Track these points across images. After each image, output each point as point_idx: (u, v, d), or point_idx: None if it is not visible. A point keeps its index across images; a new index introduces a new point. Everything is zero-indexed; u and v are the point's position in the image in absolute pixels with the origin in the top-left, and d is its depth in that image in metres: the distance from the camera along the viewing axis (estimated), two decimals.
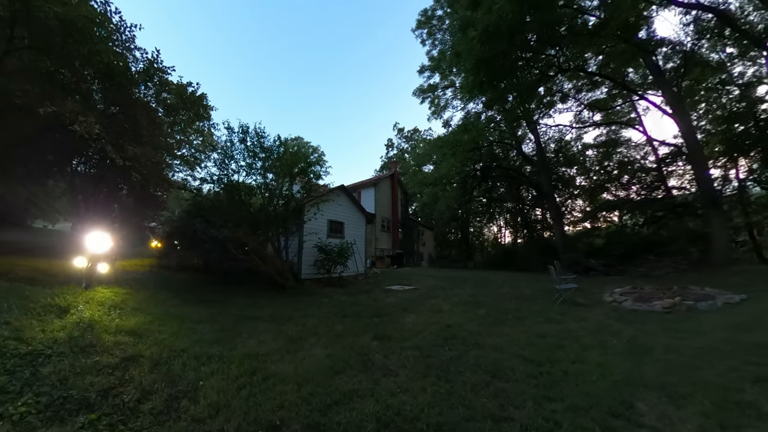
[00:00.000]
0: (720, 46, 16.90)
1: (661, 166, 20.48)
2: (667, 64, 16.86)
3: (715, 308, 6.27)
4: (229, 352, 3.86)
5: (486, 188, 27.24)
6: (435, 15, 24.38)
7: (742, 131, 16.43)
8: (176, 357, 3.54)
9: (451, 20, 19.43)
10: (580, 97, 21.15)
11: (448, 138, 23.18)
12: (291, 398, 2.76)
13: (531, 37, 15.03)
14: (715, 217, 13.58)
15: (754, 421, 2.36)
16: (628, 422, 2.46)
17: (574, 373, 3.41)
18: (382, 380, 3.24)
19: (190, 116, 14.80)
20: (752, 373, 3.12)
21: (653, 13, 15.19)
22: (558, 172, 25.29)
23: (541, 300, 8.31)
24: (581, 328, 5.41)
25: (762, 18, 14.51)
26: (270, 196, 10.65)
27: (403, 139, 46.37)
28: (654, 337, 4.61)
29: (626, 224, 22.43)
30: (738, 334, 4.35)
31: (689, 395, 2.79)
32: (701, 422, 2.40)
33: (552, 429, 2.38)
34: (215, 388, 2.90)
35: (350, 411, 2.59)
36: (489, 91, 16.45)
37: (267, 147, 10.61)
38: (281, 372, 3.34)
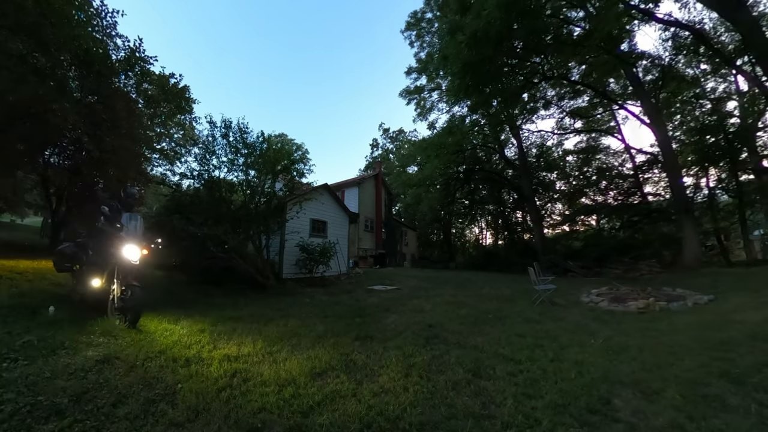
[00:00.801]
0: (695, 62, 18.07)
1: (637, 173, 21.39)
2: (647, 76, 17.78)
3: (686, 308, 6.56)
4: (208, 354, 3.77)
5: (468, 190, 27.59)
6: (424, 17, 24.55)
7: (712, 143, 17.45)
8: (153, 359, 3.44)
9: (440, 23, 19.65)
10: (563, 104, 21.88)
11: (432, 140, 23.42)
12: (272, 400, 2.72)
13: (517, 44, 15.41)
14: (687, 223, 14.25)
15: (719, 413, 2.50)
16: (605, 417, 2.55)
17: (552, 371, 3.50)
18: (364, 381, 3.24)
19: (171, 109, 14.34)
20: (718, 368, 3.29)
21: (635, 27, 16.01)
22: (539, 177, 25.90)
23: (521, 300, 8.48)
24: (559, 327, 5.56)
25: (732, 39, 15.64)
26: (252, 193, 10.46)
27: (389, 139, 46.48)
28: (629, 336, 4.78)
29: (603, 228, 23.17)
30: (706, 332, 4.56)
31: (661, 390, 2.92)
32: (672, 415, 2.51)
33: (532, 426, 2.43)
34: (194, 391, 2.82)
35: (333, 412, 2.57)
36: (474, 95, 16.75)
37: (250, 143, 10.42)
38: (262, 374, 3.29)
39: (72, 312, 4.68)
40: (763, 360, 3.37)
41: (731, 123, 18.06)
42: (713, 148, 17.35)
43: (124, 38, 10.77)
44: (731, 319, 5.07)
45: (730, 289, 7.68)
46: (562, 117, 22.79)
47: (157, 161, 16.26)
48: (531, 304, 7.81)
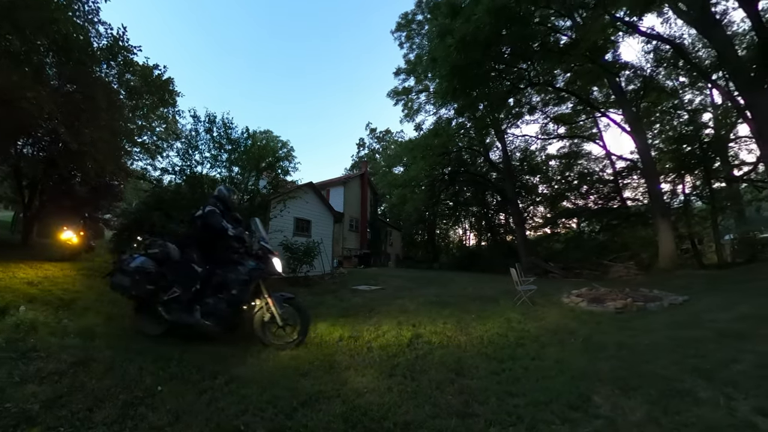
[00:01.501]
0: (674, 74, 18.94)
1: (617, 178, 22.12)
2: (629, 86, 18.44)
3: (662, 308, 6.77)
4: (190, 356, 3.68)
5: (453, 192, 27.86)
6: (415, 19, 24.72)
7: (689, 152, 18.23)
8: (132, 360, 3.33)
9: (431, 26, 19.82)
10: (547, 110, 22.47)
11: (419, 141, 23.56)
12: (255, 401, 2.68)
13: (505, 50, 15.82)
14: (663, 227, 14.78)
15: (691, 407, 2.60)
16: (585, 413, 2.61)
17: (534, 369, 3.57)
18: (348, 381, 3.23)
19: (154, 101, 13.92)
20: (691, 365, 3.42)
21: (620, 38, 16.70)
22: (522, 180, 26.37)
23: (503, 300, 8.59)
24: (540, 327, 5.65)
25: (708, 54, 16.43)
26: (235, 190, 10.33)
27: (375, 139, 46.51)
28: (608, 335, 4.90)
29: (584, 231, 23.86)
30: (680, 331, 4.72)
31: (639, 387, 3.01)
32: (648, 409, 2.60)
33: (515, 423, 2.47)
34: (175, 393, 2.74)
35: (317, 413, 2.56)
36: (461, 98, 17.00)
37: (234, 138, 10.24)
38: (244, 375, 3.24)
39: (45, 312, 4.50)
40: (731, 356, 3.52)
41: (706, 133, 18.91)
42: (689, 157, 18.11)
43: (106, 25, 10.29)
44: (703, 319, 5.27)
45: (702, 290, 7.99)
46: (546, 122, 23.38)
47: (137, 155, 15.70)
48: (513, 304, 7.93)
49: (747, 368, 3.21)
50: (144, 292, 4.15)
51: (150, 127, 15.91)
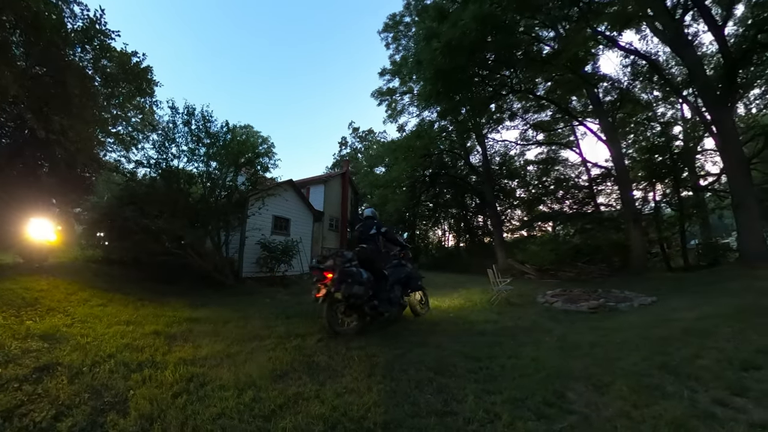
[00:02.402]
0: (649, 88, 19.85)
1: (592, 184, 22.89)
2: (606, 97, 19.26)
3: (632, 309, 7.04)
4: (163, 357, 3.57)
5: (433, 194, 28.11)
6: (402, 21, 24.76)
7: (660, 161, 19.14)
8: (102, 364, 3.19)
9: (418, 29, 19.95)
10: (527, 117, 22.98)
11: (401, 142, 23.62)
12: (232, 405, 2.61)
13: (489, 56, 16.10)
14: (634, 231, 15.49)
15: (659, 400, 2.72)
16: (560, 410, 2.69)
17: (510, 367, 3.64)
18: (327, 382, 3.20)
19: (131, 90, 13.29)
20: (659, 361, 3.57)
21: (600, 51, 17.45)
22: (500, 184, 26.87)
23: (481, 300, 8.73)
24: (517, 326, 5.79)
25: (681, 72, 17.40)
26: (212, 186, 10.04)
27: (358, 138, 46.33)
28: (581, 334, 5.06)
29: (559, 234, 24.52)
30: (649, 330, 4.91)
31: (611, 383, 3.11)
32: (620, 404, 2.71)
33: (492, 420, 2.51)
34: (148, 398, 2.64)
35: (295, 415, 2.52)
36: (444, 102, 17.21)
37: (213, 132, 10.00)
38: (220, 377, 3.15)
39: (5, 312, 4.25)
40: (695, 352, 3.70)
41: (676, 145, 19.99)
42: (660, 167, 19.01)
43: (83, 6, 9.84)
44: (670, 318, 5.49)
45: (670, 292, 8.36)
46: (526, 129, 23.90)
47: (111, 146, 14.99)
48: (490, 305, 8.07)
49: (709, 363, 3.39)
50: (367, 296, 5.01)
51: (125, 117, 15.19)
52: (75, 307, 5.01)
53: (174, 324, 5.07)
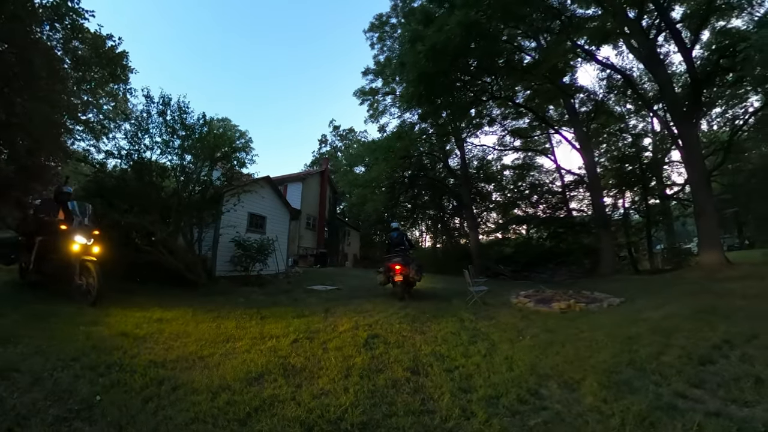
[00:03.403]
0: (623, 101, 21.01)
1: (565, 190, 23.89)
2: (582, 107, 20.11)
3: (602, 309, 7.29)
4: (132, 360, 3.41)
5: (412, 195, 28.30)
6: (389, 22, 24.92)
7: (630, 170, 20.47)
8: (65, 368, 3.00)
9: (403, 31, 20.15)
10: (506, 123, 23.74)
11: (381, 143, 23.68)
12: (205, 409, 2.53)
13: (472, 63, 16.49)
14: (604, 236, 16.23)
15: (627, 395, 2.85)
16: (534, 406, 2.77)
17: (485, 366, 3.71)
18: (303, 383, 3.16)
19: (104, 75, 12.63)
20: (627, 358, 3.72)
21: (578, 64, 18.34)
22: (477, 187, 27.41)
23: (456, 301, 8.85)
24: (491, 325, 5.90)
25: (652, 87, 18.21)
26: (186, 180, 9.68)
27: (338, 137, 46.04)
28: (553, 333, 5.21)
29: (532, 237, 25.35)
30: (617, 329, 5.10)
31: (582, 380, 3.23)
32: (591, 400, 2.81)
33: (468, 418, 2.56)
34: (116, 403, 2.50)
35: (271, 418, 2.47)
36: (426, 105, 17.46)
37: (189, 124, 9.63)
38: (193, 380, 3.05)
39: None
40: (659, 349, 3.88)
41: (645, 156, 21.33)
42: (630, 176, 20.27)
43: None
44: (637, 318, 5.72)
45: (637, 293, 8.70)
46: (504, 135, 24.65)
47: (80, 134, 14.14)
48: (465, 304, 8.20)
49: (671, 359, 3.56)
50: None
51: (97, 103, 14.36)
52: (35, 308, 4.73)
53: (143, 325, 4.87)
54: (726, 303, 5.61)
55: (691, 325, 4.58)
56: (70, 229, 5.75)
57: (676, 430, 2.28)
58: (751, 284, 7.27)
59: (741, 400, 2.64)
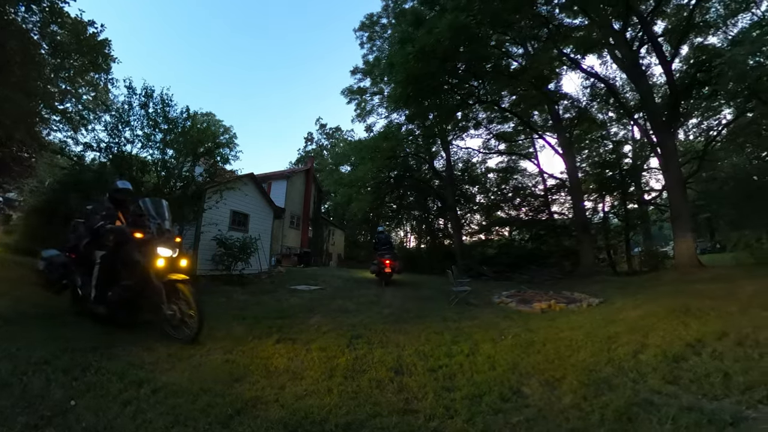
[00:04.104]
0: (605, 109, 21.60)
1: (547, 194, 24.35)
2: (566, 114, 20.66)
3: (581, 309, 7.46)
4: (109, 362, 3.29)
5: (397, 195, 28.38)
6: (379, 22, 25.02)
7: (610, 176, 21.17)
8: (36, 372, 2.86)
9: (393, 31, 20.26)
10: (491, 127, 24.08)
11: (368, 142, 23.69)
12: (186, 411, 2.46)
13: (460, 66, 16.70)
14: (584, 239, 16.70)
15: (606, 392, 2.94)
16: (516, 404, 2.83)
17: (468, 365, 3.75)
18: (287, 384, 3.12)
19: (84, 63, 12.05)
20: (605, 357, 3.82)
21: (563, 71, 18.94)
22: (462, 189, 27.70)
23: (440, 300, 8.96)
24: (474, 325, 5.96)
25: (634, 97, 18.81)
26: (167, 175, 9.46)
27: (324, 135, 45.71)
28: (534, 332, 5.30)
29: (514, 239, 25.83)
30: (596, 328, 5.21)
31: (563, 378, 3.30)
32: (571, 397, 2.88)
33: (452, 416, 2.59)
34: (92, 408, 2.40)
35: (254, 419, 2.44)
36: (413, 106, 17.62)
37: (172, 118, 9.41)
38: (173, 382, 2.97)
39: None
40: (637, 348, 3.98)
41: (625, 162, 22.10)
42: (610, 181, 21.04)
43: None
44: (615, 317, 5.87)
45: (615, 294, 8.94)
46: (489, 138, 24.97)
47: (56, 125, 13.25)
48: (449, 304, 8.30)
49: (647, 357, 3.67)
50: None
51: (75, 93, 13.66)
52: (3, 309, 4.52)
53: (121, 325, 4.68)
54: (698, 303, 5.79)
55: (667, 325, 4.72)
56: (150, 237, 4.36)
57: (652, 424, 2.36)
58: (721, 286, 7.55)
59: (711, 394, 2.76)
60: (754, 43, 10.23)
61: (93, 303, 4.38)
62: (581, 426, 2.44)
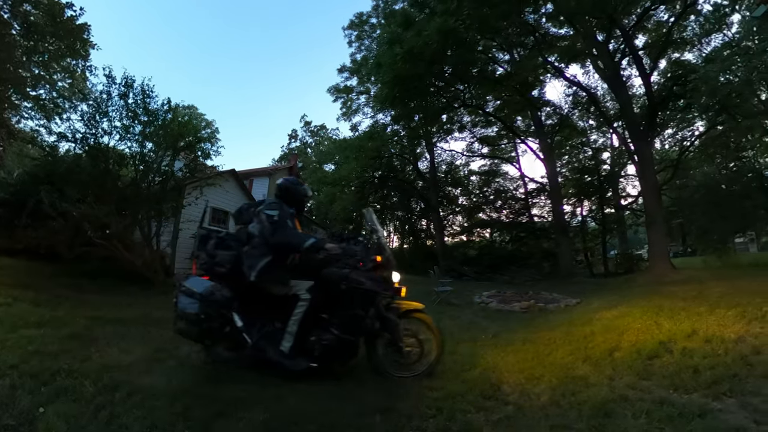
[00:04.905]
0: (586, 117, 22.47)
1: (528, 197, 25.18)
2: (548, 120, 21.43)
3: (560, 309, 7.70)
4: (82, 365, 3.13)
5: (381, 196, 28.47)
6: (369, 21, 25.11)
7: (588, 181, 21.99)
8: (1, 377, 2.69)
9: (382, 32, 20.31)
10: (475, 130, 24.65)
11: (353, 142, 23.71)
12: (164, 415, 2.37)
13: (447, 69, 17.04)
14: (563, 241, 17.32)
15: (584, 389, 3.01)
16: (497, 401, 2.88)
17: (450, 363, 3.79)
18: (268, 385, 3.05)
19: (60, 48, 11.49)
20: (583, 355, 3.92)
21: (547, 79, 19.67)
22: (445, 190, 28.10)
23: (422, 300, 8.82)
24: (455, 324, 6.09)
25: (614, 106, 19.64)
26: (146, 169, 9.12)
27: (309, 133, 45.24)
28: (514, 332, 5.41)
29: (495, 240, 26.40)
30: (574, 327, 5.36)
31: (542, 375, 3.37)
32: (550, 394, 2.95)
33: (434, 415, 2.60)
34: (63, 414, 2.22)
35: (236, 422, 2.38)
36: (399, 107, 17.80)
37: (152, 110, 9.09)
38: (151, 385, 2.85)
39: None
40: (612, 346, 4.10)
41: (604, 168, 23.02)
42: (589, 186, 21.92)
43: None
44: (592, 317, 6.04)
45: (592, 294, 9.23)
46: (473, 141, 25.52)
47: (28, 112, 12.85)
48: (430, 304, 8.31)
49: (623, 355, 3.79)
50: None
51: (50, 79, 12.96)
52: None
53: (95, 326, 4.54)
54: (670, 304, 6.05)
55: (641, 324, 4.88)
56: (387, 260, 3.49)
57: (627, 418, 2.45)
58: (691, 287, 7.90)
59: (682, 388, 2.89)
60: (724, 62, 11.15)
61: (287, 356, 3.10)
62: (560, 422, 2.50)
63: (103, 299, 6.45)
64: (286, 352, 3.07)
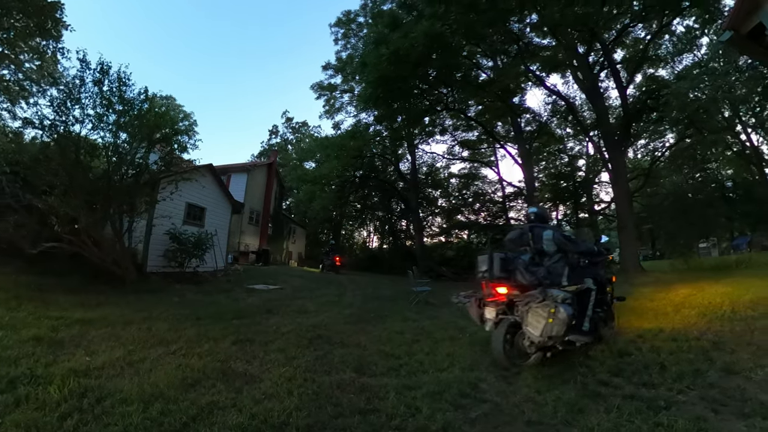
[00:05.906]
0: (564, 125, 23.25)
1: (505, 201, 25.85)
2: (527, 127, 22.05)
3: None
4: (46, 369, 3.01)
5: (362, 195, 28.53)
6: (356, 20, 25.03)
7: (564, 187, 23.02)
8: None
9: (369, 31, 20.37)
10: (456, 134, 25.10)
11: (335, 140, 23.61)
12: (136, 421, 2.30)
13: (431, 73, 17.23)
14: None
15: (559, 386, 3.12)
16: (475, 399, 2.95)
17: (429, 363, 3.85)
18: (244, 388, 3.02)
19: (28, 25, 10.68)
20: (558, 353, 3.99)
21: (528, 87, 20.28)
22: (425, 192, 28.47)
23: (401, 300, 9.11)
24: (433, 324, 6.12)
25: (591, 116, 20.57)
26: (119, 161, 8.69)
27: (290, 129, 44.74)
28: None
29: (473, 242, 26.81)
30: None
31: (517, 374, 3.48)
32: (526, 391, 3.06)
33: (414, 414, 2.64)
34: (25, 424, 2.13)
35: (210, 426, 2.33)
36: (382, 107, 17.92)
37: (128, 99, 8.65)
38: (122, 389, 2.76)
39: None
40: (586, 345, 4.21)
41: (579, 175, 24.07)
42: (564, 191, 22.82)
43: None
44: None
45: None
46: (454, 144, 26.01)
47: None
48: (409, 304, 8.47)
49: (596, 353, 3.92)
50: None
51: (16, 59, 12.06)
52: None
53: (62, 327, 4.35)
54: (640, 304, 6.39)
55: None
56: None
57: (600, 413, 2.58)
58: (659, 289, 8.38)
59: (650, 383, 3.08)
60: (693, 80, 12.02)
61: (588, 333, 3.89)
62: (536, 418, 2.60)
63: (70, 299, 6.17)
64: (587, 330, 3.85)
